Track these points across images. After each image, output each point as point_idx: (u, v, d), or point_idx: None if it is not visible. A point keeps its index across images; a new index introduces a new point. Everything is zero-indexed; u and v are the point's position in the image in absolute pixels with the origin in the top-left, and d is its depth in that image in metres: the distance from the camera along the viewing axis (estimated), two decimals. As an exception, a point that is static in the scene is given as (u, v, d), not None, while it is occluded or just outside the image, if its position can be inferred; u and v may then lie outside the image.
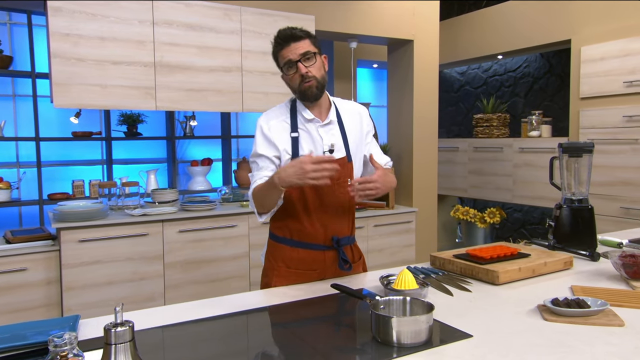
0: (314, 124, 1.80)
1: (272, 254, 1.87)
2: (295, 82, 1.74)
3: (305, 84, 1.72)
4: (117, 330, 0.79)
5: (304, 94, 1.75)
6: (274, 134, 1.77)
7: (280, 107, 1.85)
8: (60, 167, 4.32)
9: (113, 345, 0.78)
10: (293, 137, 1.76)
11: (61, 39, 2.90)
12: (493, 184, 4.88)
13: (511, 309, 1.44)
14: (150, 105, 3.18)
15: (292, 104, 1.84)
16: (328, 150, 1.79)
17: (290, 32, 1.71)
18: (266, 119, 1.81)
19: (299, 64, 1.70)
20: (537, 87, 5.09)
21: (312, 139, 1.79)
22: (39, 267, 2.94)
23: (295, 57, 1.70)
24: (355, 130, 1.87)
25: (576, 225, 2.12)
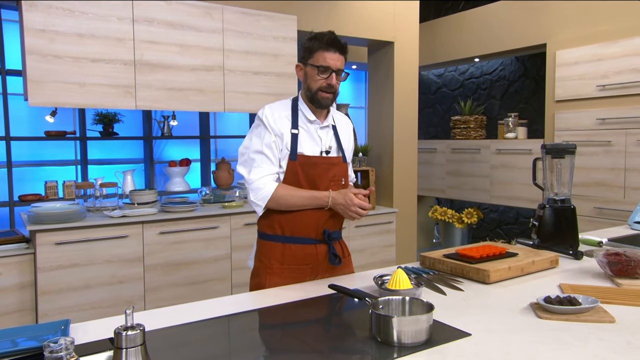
0: (315, 125, 1.87)
1: (263, 253, 1.87)
2: (317, 85, 1.79)
3: (326, 94, 1.80)
4: (129, 333, 0.76)
5: (318, 100, 1.81)
6: (280, 127, 1.81)
7: (282, 103, 1.89)
8: (32, 168, 4.18)
9: (124, 349, 0.75)
10: (293, 134, 1.81)
11: (36, 34, 2.81)
12: (470, 185, 4.95)
13: (505, 307, 1.46)
14: (130, 104, 3.11)
15: (293, 102, 1.89)
16: (325, 150, 1.87)
17: (340, 42, 1.78)
18: (270, 112, 1.83)
19: (334, 74, 1.77)
20: (512, 89, 5.20)
21: (312, 138, 1.85)
22: (12, 271, 2.83)
23: (334, 67, 1.77)
24: (346, 139, 1.99)
25: (559, 225, 2.16)
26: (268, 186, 1.76)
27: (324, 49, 1.75)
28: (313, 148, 1.84)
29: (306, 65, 1.81)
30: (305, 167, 1.81)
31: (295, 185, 1.80)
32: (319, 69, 1.76)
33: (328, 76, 1.76)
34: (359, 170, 4.28)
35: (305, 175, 1.81)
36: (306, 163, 1.81)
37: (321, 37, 1.77)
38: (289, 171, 1.81)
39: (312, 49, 1.78)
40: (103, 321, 1.36)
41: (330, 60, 1.75)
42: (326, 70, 1.76)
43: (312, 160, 1.82)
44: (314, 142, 1.85)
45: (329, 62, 1.75)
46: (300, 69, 1.85)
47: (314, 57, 1.77)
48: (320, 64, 1.76)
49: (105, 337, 1.23)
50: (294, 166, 1.80)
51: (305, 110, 1.85)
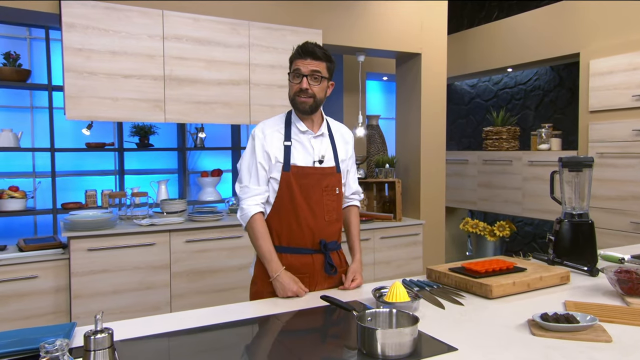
0: (307, 135, 1.90)
1: (261, 261, 1.89)
2: (293, 91, 1.86)
3: (302, 98, 1.83)
4: (97, 337, 0.82)
5: (296, 106, 1.87)
6: (271, 143, 1.86)
7: (275, 119, 1.95)
8: (74, 177, 4.42)
9: (92, 351, 0.81)
10: (286, 146, 1.86)
11: (74, 53, 2.99)
12: (502, 197, 4.85)
13: (501, 322, 1.44)
14: (159, 117, 3.25)
15: (287, 115, 1.94)
16: (318, 160, 1.89)
17: (312, 49, 1.82)
18: (261, 129, 1.90)
19: (305, 79, 1.81)
20: (547, 100, 5.07)
21: (305, 148, 1.89)
22: (49, 275, 3.01)
23: (305, 71, 1.81)
24: (342, 148, 2.01)
25: (576, 240, 2.11)
26: (250, 209, 1.84)
27: (296, 57, 1.83)
28: (306, 158, 1.88)
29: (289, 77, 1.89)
30: (297, 177, 1.85)
31: (288, 196, 1.84)
32: (291, 75, 1.85)
33: (300, 81, 1.82)
34: (385, 181, 4.29)
35: (299, 185, 1.85)
36: (298, 173, 1.85)
37: (297, 48, 1.85)
38: (282, 182, 1.84)
39: (291, 59, 1.87)
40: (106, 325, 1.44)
41: (300, 65, 1.81)
42: (297, 75, 1.82)
43: (305, 171, 1.86)
44: (307, 152, 1.89)
45: (299, 67, 1.82)
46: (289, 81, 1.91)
47: (292, 66, 1.85)
48: (292, 71, 1.84)
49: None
50: (287, 177, 1.84)
51: (296, 121, 1.90)
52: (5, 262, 2.90)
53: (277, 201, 1.85)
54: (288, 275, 1.77)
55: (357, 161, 4.39)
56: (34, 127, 4.30)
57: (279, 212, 1.85)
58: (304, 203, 1.85)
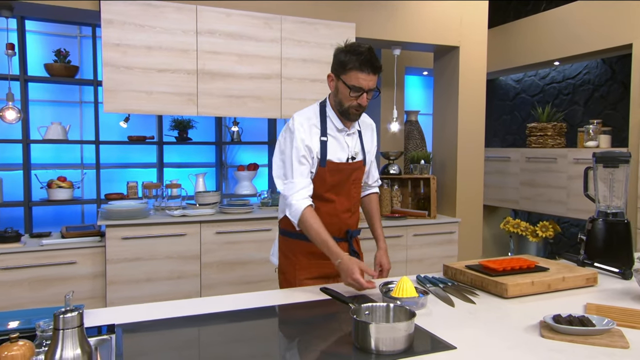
0: (342, 132, 1.91)
1: (289, 249, 1.94)
2: (348, 103, 1.80)
3: (356, 112, 1.83)
4: (66, 316, 0.84)
5: (348, 116, 1.85)
6: (310, 138, 1.83)
7: (310, 110, 1.91)
8: (119, 169, 4.61)
9: (61, 330, 0.83)
10: (322, 141, 1.85)
11: (112, 49, 3.11)
12: (546, 196, 4.64)
13: (511, 323, 1.37)
14: (192, 110, 3.32)
15: (321, 108, 1.90)
16: (352, 156, 1.93)
17: (375, 63, 1.75)
18: (300, 122, 1.85)
19: (365, 95, 1.78)
20: (597, 95, 4.80)
21: (340, 145, 1.91)
22: (87, 261, 3.14)
23: (367, 87, 1.77)
24: (369, 142, 2.06)
25: (610, 241, 1.98)
26: (299, 204, 1.77)
27: (358, 69, 1.73)
28: (340, 155, 1.89)
29: (338, 80, 1.80)
30: (332, 172, 1.87)
31: (320, 187, 1.85)
32: (351, 89, 1.76)
33: (359, 96, 1.78)
34: (420, 178, 4.20)
35: (332, 179, 1.88)
36: (334, 169, 1.87)
37: (357, 54, 1.74)
38: (317, 176, 1.85)
39: (346, 65, 1.75)
40: (116, 309, 1.48)
41: (363, 81, 1.75)
42: (357, 90, 1.76)
43: (339, 167, 1.89)
44: (342, 149, 1.90)
45: (361, 84, 1.75)
46: (332, 79, 1.84)
47: (348, 75, 1.75)
48: (353, 84, 1.75)
49: (113, 322, 1.35)
50: (323, 172, 1.85)
51: (334, 118, 1.88)
52: (47, 247, 3.06)
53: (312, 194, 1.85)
54: (350, 262, 1.64)
55: (392, 157, 4.32)
56: (82, 121, 4.51)
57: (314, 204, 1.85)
58: (334, 196, 1.89)
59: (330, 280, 1.90)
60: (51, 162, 4.41)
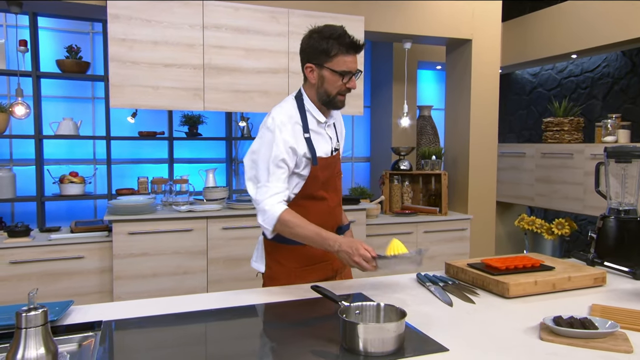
0: (322, 125, 1.79)
1: (281, 256, 1.78)
2: (336, 90, 1.70)
3: (343, 97, 1.73)
4: (29, 314, 0.81)
5: (335, 104, 1.73)
6: (295, 139, 1.69)
7: (290, 107, 1.75)
8: (131, 165, 4.63)
9: (24, 329, 0.80)
10: (306, 138, 1.72)
11: (118, 43, 3.11)
12: (562, 193, 4.52)
13: (510, 325, 1.32)
14: (198, 105, 3.31)
15: (298, 102, 1.76)
16: (335, 148, 1.83)
17: (357, 42, 1.67)
18: (282, 121, 1.69)
19: (353, 78, 1.69)
20: (617, 88, 4.65)
21: (323, 139, 1.79)
22: (95, 256, 3.16)
23: (354, 70, 1.69)
24: (340, 127, 1.96)
25: (621, 239, 1.90)
26: (274, 208, 1.62)
27: (344, 53, 1.65)
28: (326, 149, 1.78)
29: (322, 68, 1.67)
30: (322, 168, 1.76)
31: (312, 186, 1.73)
32: (343, 75, 1.67)
33: (349, 80, 1.69)
34: (431, 173, 4.13)
35: (323, 176, 1.76)
36: (324, 165, 1.76)
37: (338, 38, 1.64)
38: (310, 176, 1.73)
39: (330, 52, 1.64)
40: (105, 305, 1.47)
41: (351, 64, 1.67)
42: (347, 74, 1.67)
43: (327, 162, 1.78)
44: (325, 143, 1.79)
45: (350, 67, 1.67)
46: (312, 70, 1.70)
47: (334, 61, 1.65)
48: (342, 70, 1.66)
49: (100, 319, 1.33)
50: (315, 170, 1.73)
51: (314, 112, 1.75)
52: (55, 242, 3.08)
53: (302, 195, 1.74)
54: (351, 241, 1.54)
55: (402, 153, 4.25)
56: (94, 117, 4.54)
57: (303, 205, 1.73)
58: (325, 193, 1.79)
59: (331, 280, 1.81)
60: (64, 158, 4.45)
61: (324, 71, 1.68)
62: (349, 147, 5.36)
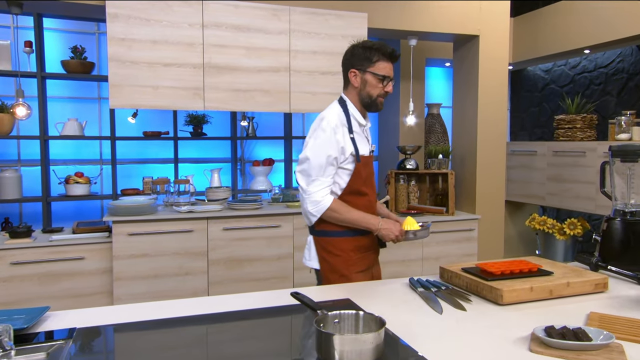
0: (362, 127, 1.99)
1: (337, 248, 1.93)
2: (377, 92, 1.92)
3: (382, 100, 1.95)
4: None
5: (376, 105, 1.95)
6: (344, 139, 1.89)
7: (335, 110, 1.93)
8: (138, 165, 4.63)
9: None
10: (352, 139, 1.92)
11: (117, 43, 3.09)
12: (573, 192, 4.39)
13: (501, 334, 1.25)
14: (198, 105, 3.28)
15: (342, 106, 1.94)
16: (371, 150, 2.03)
17: (396, 54, 1.93)
18: (335, 124, 1.89)
19: (391, 83, 1.93)
20: (632, 84, 4.51)
21: (363, 140, 1.99)
22: (95, 257, 3.15)
23: (391, 76, 1.93)
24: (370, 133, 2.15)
25: (627, 242, 1.81)
26: (325, 200, 1.86)
27: (385, 60, 1.89)
28: (364, 149, 1.97)
29: (365, 73, 1.90)
30: (364, 167, 1.95)
31: (356, 182, 1.93)
32: (381, 78, 1.89)
33: (387, 84, 1.91)
34: (438, 173, 4.04)
35: (364, 173, 1.96)
36: (365, 163, 1.95)
37: (378, 47, 1.89)
38: (355, 173, 1.92)
39: (372, 58, 1.89)
40: (82, 311, 1.43)
41: (389, 70, 1.91)
42: (385, 79, 1.90)
43: (367, 161, 1.98)
44: (365, 144, 1.99)
45: (388, 72, 1.91)
46: (355, 74, 1.92)
47: (375, 66, 1.89)
48: (382, 74, 1.89)
49: (76, 326, 1.30)
50: (358, 167, 1.92)
51: (356, 114, 1.95)
52: (56, 242, 3.08)
53: (348, 190, 1.93)
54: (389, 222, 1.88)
55: (409, 151, 4.17)
56: (101, 117, 4.55)
57: (349, 200, 1.92)
58: (367, 189, 1.98)
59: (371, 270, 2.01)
60: (71, 158, 4.47)
61: (366, 75, 1.90)
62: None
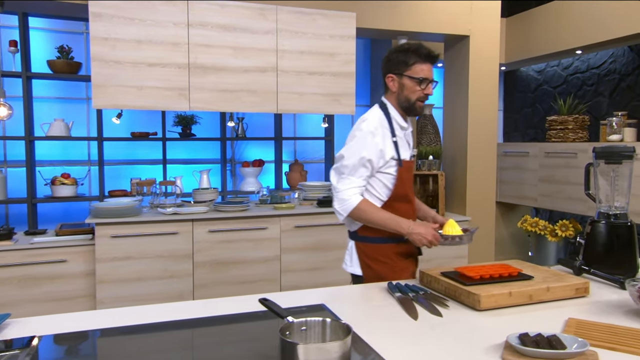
0: (404, 130, 1.97)
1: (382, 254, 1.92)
2: (416, 96, 1.88)
3: (422, 104, 1.91)
4: None
5: (416, 109, 1.91)
6: (384, 142, 1.87)
7: (377, 114, 1.92)
8: (126, 166, 4.58)
9: None
10: (394, 142, 1.90)
11: (100, 42, 3.05)
12: (565, 194, 4.36)
13: (474, 342, 1.21)
14: (183, 106, 3.23)
15: (383, 110, 1.93)
16: (412, 154, 2.00)
17: (434, 55, 1.87)
18: (375, 127, 1.87)
19: (431, 85, 1.88)
20: (624, 85, 4.48)
21: (404, 144, 1.96)
22: (78, 259, 3.10)
23: (430, 77, 1.88)
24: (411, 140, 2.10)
25: (610, 245, 1.78)
26: (352, 199, 1.83)
27: (421, 61, 1.85)
28: (406, 153, 1.95)
29: (402, 77, 1.87)
30: (406, 172, 1.92)
31: (401, 188, 1.90)
32: (419, 81, 1.85)
33: (426, 87, 1.86)
34: (428, 174, 4.00)
35: (407, 177, 1.93)
36: (406, 168, 1.93)
37: (415, 49, 1.85)
38: (398, 178, 1.90)
39: (408, 61, 1.85)
40: (45, 318, 1.39)
41: (427, 72, 1.87)
42: (424, 81, 1.86)
43: (409, 165, 1.95)
44: (406, 148, 1.97)
45: (426, 74, 1.86)
46: (393, 79, 1.90)
47: (412, 69, 1.85)
48: (420, 76, 1.85)
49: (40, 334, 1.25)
50: (401, 172, 1.90)
51: (398, 118, 1.93)
52: (37, 245, 3.03)
53: (392, 196, 1.90)
54: (421, 224, 1.82)
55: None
56: (89, 118, 4.49)
57: (392, 206, 1.89)
58: (410, 194, 1.96)
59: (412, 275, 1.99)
60: (58, 159, 4.42)
61: (403, 79, 1.88)
62: (349, 147, 5.27)
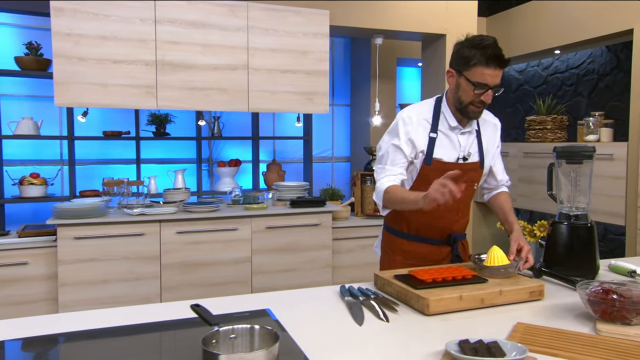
0: (455, 130, 1.81)
1: (388, 245, 1.93)
2: (467, 99, 1.71)
3: (477, 109, 1.72)
4: None
5: (467, 113, 1.75)
6: (416, 132, 1.76)
7: (423, 105, 1.83)
8: (100, 165, 4.48)
9: None
10: (431, 137, 1.77)
11: (63, 38, 2.96)
12: (543, 194, 4.33)
13: (416, 348, 1.15)
14: (151, 104, 3.16)
15: (436, 103, 1.81)
16: (463, 157, 1.81)
17: (502, 57, 1.65)
18: (408, 115, 1.78)
19: (490, 92, 1.67)
20: (602, 85, 4.46)
21: (451, 143, 1.80)
22: (40, 262, 3.01)
23: (492, 84, 1.66)
24: (490, 142, 1.92)
25: (571, 247, 1.73)
26: (383, 185, 1.74)
27: (484, 64, 1.63)
28: (450, 153, 1.80)
29: (460, 76, 1.69)
30: (439, 172, 1.65)
31: (422, 186, 1.71)
32: (476, 86, 1.66)
33: (484, 92, 1.67)
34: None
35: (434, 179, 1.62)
36: (441, 169, 1.71)
37: (482, 48, 1.62)
38: (421, 175, 1.78)
39: (470, 60, 1.64)
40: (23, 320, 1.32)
41: (488, 77, 1.64)
42: (481, 86, 1.66)
43: (447, 167, 1.71)
44: (453, 148, 1.80)
45: (487, 80, 1.64)
46: (452, 75, 1.73)
47: (472, 71, 1.65)
48: (477, 81, 1.65)
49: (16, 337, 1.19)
50: (427, 171, 1.77)
51: (448, 115, 1.79)
52: (-2, 247, 2.94)
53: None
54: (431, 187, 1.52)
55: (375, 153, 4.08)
56: (61, 116, 4.39)
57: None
58: None
59: None
60: (28, 159, 4.31)
61: (461, 79, 1.70)
62: (329, 147, 5.21)
